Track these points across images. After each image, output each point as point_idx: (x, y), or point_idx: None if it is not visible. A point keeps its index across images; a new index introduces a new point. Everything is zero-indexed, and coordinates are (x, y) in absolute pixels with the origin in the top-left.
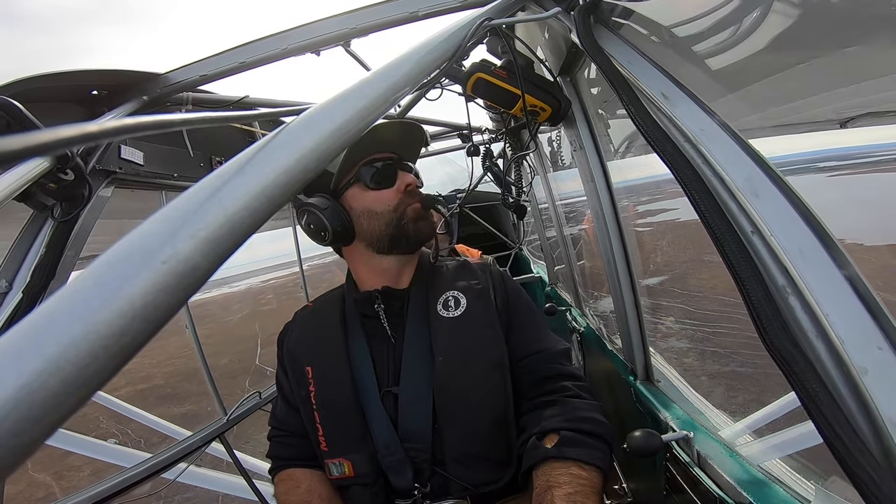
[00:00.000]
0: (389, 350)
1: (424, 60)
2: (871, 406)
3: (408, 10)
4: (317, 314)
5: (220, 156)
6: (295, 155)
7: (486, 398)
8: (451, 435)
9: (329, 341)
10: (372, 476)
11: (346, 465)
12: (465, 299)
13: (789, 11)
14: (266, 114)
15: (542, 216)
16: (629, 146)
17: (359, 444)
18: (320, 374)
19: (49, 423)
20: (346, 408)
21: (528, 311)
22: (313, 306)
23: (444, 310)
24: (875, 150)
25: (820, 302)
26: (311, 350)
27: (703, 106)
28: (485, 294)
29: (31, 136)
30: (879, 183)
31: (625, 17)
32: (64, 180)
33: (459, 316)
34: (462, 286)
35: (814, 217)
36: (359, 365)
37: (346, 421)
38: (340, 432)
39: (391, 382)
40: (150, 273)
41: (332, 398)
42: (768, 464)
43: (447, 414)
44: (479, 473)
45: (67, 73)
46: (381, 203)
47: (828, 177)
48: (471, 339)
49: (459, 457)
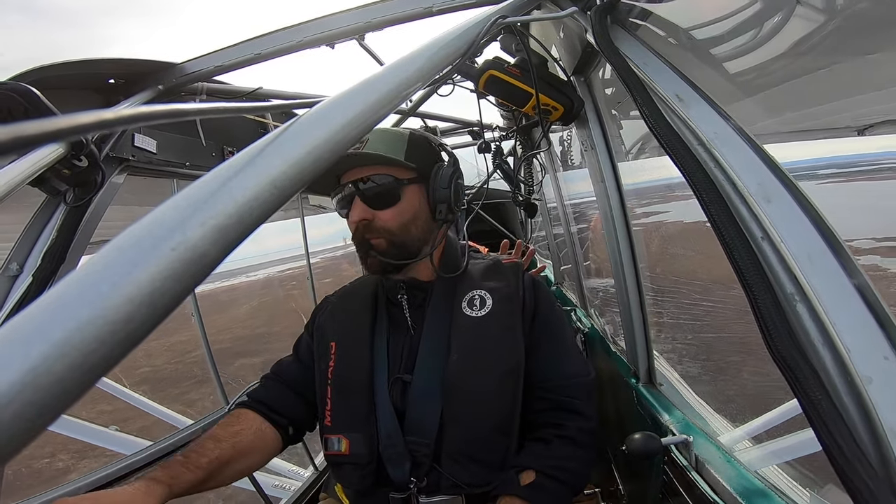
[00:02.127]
0: (407, 340)
1: (437, 56)
2: (872, 415)
3: (422, 6)
4: (353, 292)
5: (232, 146)
6: (306, 147)
7: (493, 403)
8: (453, 434)
9: (356, 321)
10: (365, 458)
11: (343, 443)
12: (490, 300)
13: (812, 16)
14: (279, 105)
15: (549, 215)
16: (641, 148)
17: (361, 424)
18: (342, 350)
19: (53, 409)
20: (357, 388)
21: (559, 329)
22: (351, 285)
23: (468, 308)
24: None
25: (828, 310)
26: (340, 326)
27: (719, 109)
28: (513, 297)
29: (47, 122)
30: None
31: (642, 19)
32: (78, 166)
33: (483, 316)
34: (490, 286)
35: (824, 223)
36: (378, 349)
37: (354, 400)
38: (346, 410)
39: (403, 372)
40: (159, 259)
41: (347, 377)
42: (766, 470)
43: (453, 413)
44: (473, 475)
45: (85, 62)
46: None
47: (818, 184)
48: (490, 341)
49: (456, 455)
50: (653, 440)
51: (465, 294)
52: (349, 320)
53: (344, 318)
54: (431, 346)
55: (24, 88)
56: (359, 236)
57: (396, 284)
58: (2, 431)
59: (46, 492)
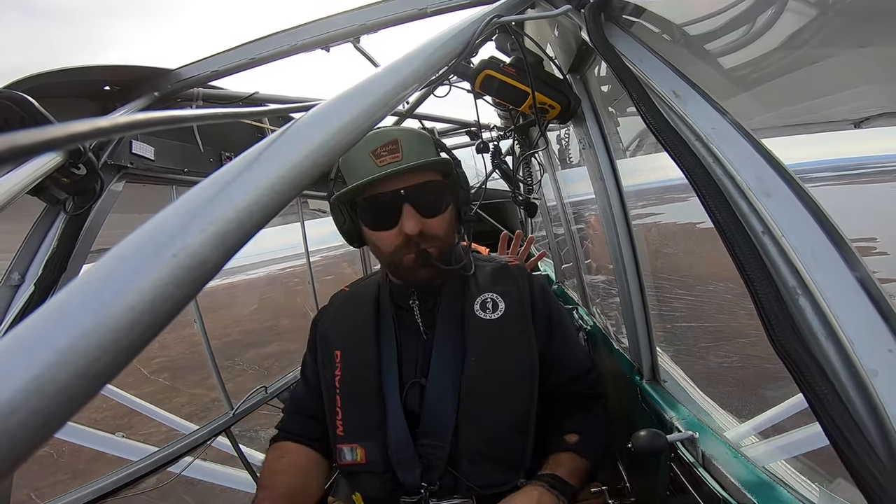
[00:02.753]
0: (420, 345)
1: (433, 57)
2: (879, 409)
3: (417, 7)
4: (353, 299)
5: (229, 151)
6: (304, 151)
7: (511, 403)
8: (469, 435)
9: (361, 327)
10: (382, 465)
11: (358, 452)
12: (503, 303)
13: (804, 10)
14: (275, 110)
15: (550, 214)
16: (639, 144)
17: (374, 431)
18: (349, 358)
19: (59, 416)
20: (368, 394)
21: (568, 328)
22: (350, 290)
23: (481, 311)
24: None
25: (830, 303)
26: (343, 334)
27: (715, 104)
28: (524, 301)
29: (44, 131)
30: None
31: (636, 15)
32: (76, 175)
33: (497, 319)
34: (500, 290)
35: (826, 217)
36: (386, 354)
37: (365, 407)
38: (358, 418)
39: (418, 376)
40: (160, 266)
41: (356, 384)
42: (773, 465)
43: (469, 414)
44: (490, 475)
45: (80, 69)
46: (382, 243)
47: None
48: (506, 343)
49: (473, 456)
50: (658, 437)
51: (476, 298)
52: (353, 328)
53: (348, 326)
54: (445, 349)
55: (19, 97)
56: (412, 247)
57: (407, 289)
58: (7, 440)
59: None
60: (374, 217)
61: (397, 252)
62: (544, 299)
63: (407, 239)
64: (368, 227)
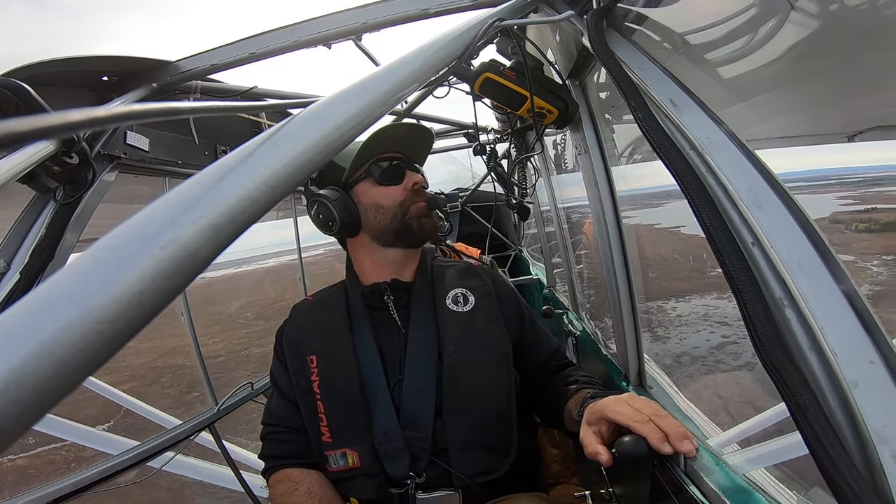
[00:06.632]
0: (400, 340)
1: (434, 58)
2: (858, 418)
3: (420, 7)
4: (320, 306)
5: (225, 145)
6: (300, 147)
7: (494, 389)
8: (456, 423)
9: (335, 331)
10: (377, 466)
11: (350, 457)
12: (473, 297)
13: (806, 22)
14: (273, 105)
15: (543, 218)
16: (633, 152)
17: (363, 434)
18: (326, 363)
19: (39, 408)
20: (353, 398)
21: (530, 314)
22: (314, 299)
23: (453, 304)
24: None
25: (816, 315)
26: (316, 339)
27: (712, 114)
28: (490, 295)
29: (38, 119)
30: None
31: (638, 23)
32: (68, 164)
33: (469, 311)
34: (469, 285)
35: (814, 229)
36: (365, 356)
37: (352, 411)
38: (347, 422)
39: (402, 372)
40: (149, 258)
41: (339, 388)
42: (754, 473)
43: (454, 403)
44: (480, 462)
45: (78, 59)
46: (388, 198)
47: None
48: (481, 333)
49: (463, 444)
50: (642, 443)
51: (446, 292)
52: (326, 332)
53: (319, 331)
54: (421, 342)
55: (15, 85)
56: (422, 195)
57: (380, 288)
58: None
59: (30, 490)
60: (385, 173)
61: (406, 201)
62: (509, 293)
63: (416, 190)
64: (380, 183)
